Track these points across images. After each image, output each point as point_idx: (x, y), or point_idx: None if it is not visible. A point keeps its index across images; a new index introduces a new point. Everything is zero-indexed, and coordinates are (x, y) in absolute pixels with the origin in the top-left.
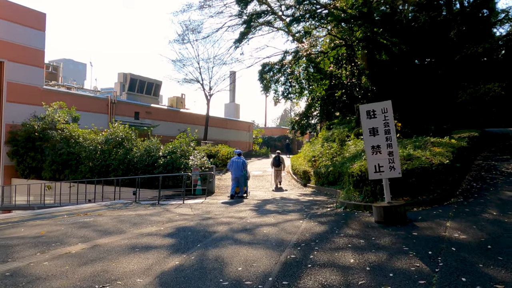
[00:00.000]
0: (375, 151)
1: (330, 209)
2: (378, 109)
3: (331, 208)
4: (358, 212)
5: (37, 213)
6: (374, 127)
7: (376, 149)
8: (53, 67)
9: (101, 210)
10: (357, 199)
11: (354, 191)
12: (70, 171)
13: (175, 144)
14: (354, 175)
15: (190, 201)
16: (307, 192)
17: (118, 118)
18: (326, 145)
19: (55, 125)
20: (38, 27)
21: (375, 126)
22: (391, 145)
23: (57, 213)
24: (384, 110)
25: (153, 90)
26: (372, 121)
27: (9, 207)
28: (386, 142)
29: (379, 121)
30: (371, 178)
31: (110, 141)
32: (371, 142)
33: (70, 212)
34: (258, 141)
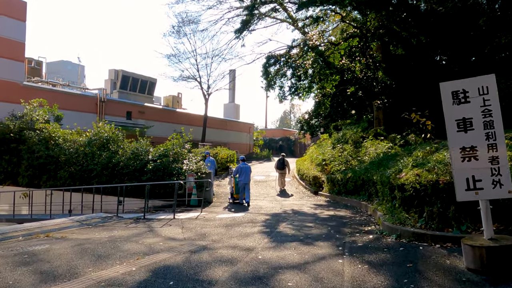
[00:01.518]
0: (468, 156)
1: (375, 237)
2: (472, 89)
3: (376, 235)
4: (423, 245)
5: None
6: (466, 117)
7: (469, 152)
8: (36, 62)
9: (69, 229)
10: (415, 224)
11: (407, 212)
12: (49, 177)
13: (167, 146)
14: (407, 189)
15: (183, 215)
16: (322, 203)
17: (108, 118)
18: (339, 147)
19: (34, 125)
20: (17, 16)
21: (467, 116)
22: (495, 146)
23: (12, 233)
24: (483, 90)
25: (147, 89)
26: (461, 108)
27: None
28: (487, 141)
29: (473, 107)
30: (462, 199)
31: (94, 143)
32: (460, 141)
33: (30, 232)
34: (259, 143)
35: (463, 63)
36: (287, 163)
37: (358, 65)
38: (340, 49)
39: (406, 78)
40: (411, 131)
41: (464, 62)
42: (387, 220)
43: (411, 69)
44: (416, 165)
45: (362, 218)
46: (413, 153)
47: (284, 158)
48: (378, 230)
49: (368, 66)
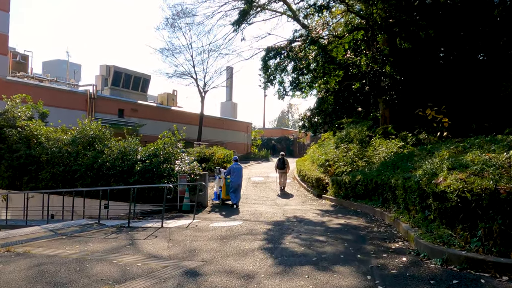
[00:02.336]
0: None
1: (410, 260)
2: None
3: (411, 257)
4: (484, 276)
5: None
6: None
7: None
8: (21, 56)
9: (39, 240)
10: (467, 246)
11: (450, 228)
12: (30, 178)
13: (158, 145)
14: (450, 198)
15: (173, 222)
16: (328, 208)
17: (99, 116)
18: (343, 147)
19: (15, 122)
20: (0, 6)
21: None
22: None
23: None
24: None
25: (140, 86)
26: None
27: None
28: None
29: None
30: None
31: (78, 141)
32: None
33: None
34: (257, 142)
35: (473, 58)
36: (287, 163)
37: (364, 59)
38: (344, 42)
39: (413, 74)
40: (423, 129)
41: (473, 57)
42: (424, 238)
43: (418, 65)
44: (452, 167)
45: (381, 230)
46: (434, 153)
47: (284, 157)
48: (412, 250)
49: (375, 60)
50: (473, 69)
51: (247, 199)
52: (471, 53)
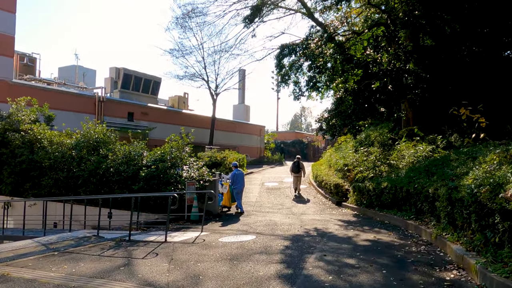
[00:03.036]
0: None
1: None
2: None
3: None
4: None
5: None
6: None
7: None
8: (29, 59)
9: (26, 258)
10: None
11: None
12: (33, 185)
13: (165, 150)
14: None
15: (178, 235)
16: (350, 219)
17: (108, 119)
18: (362, 151)
19: (20, 126)
20: (5, 7)
21: None
22: None
23: None
24: None
25: (150, 88)
26: None
27: None
28: None
29: None
30: None
31: (82, 146)
32: None
33: None
34: (270, 146)
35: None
36: (302, 166)
37: (385, 56)
38: (363, 39)
39: (437, 72)
40: (454, 131)
41: (499, 54)
42: (496, 270)
43: (441, 63)
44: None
45: (421, 250)
46: (477, 157)
47: (300, 161)
48: (478, 286)
49: (398, 57)
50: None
51: (260, 207)
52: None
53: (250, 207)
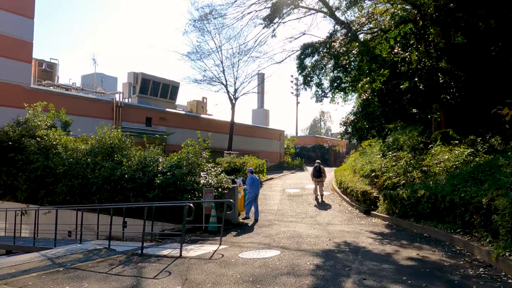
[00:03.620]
0: None
1: None
2: None
3: None
4: None
5: None
6: None
7: None
8: (47, 64)
9: (26, 275)
10: None
11: None
12: (47, 192)
13: (181, 155)
14: None
15: (195, 249)
16: (383, 230)
17: (126, 124)
18: (390, 155)
19: (36, 132)
20: (24, 12)
21: None
22: None
23: None
24: None
25: (169, 93)
26: None
27: None
28: None
29: None
30: None
31: (97, 151)
32: None
33: None
34: (290, 151)
35: None
36: (323, 171)
37: (415, 54)
38: (389, 37)
39: (470, 70)
40: (494, 133)
41: None
42: None
43: (474, 61)
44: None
45: (481, 273)
46: None
47: (320, 165)
48: None
49: (429, 55)
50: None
51: (282, 216)
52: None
53: (271, 216)
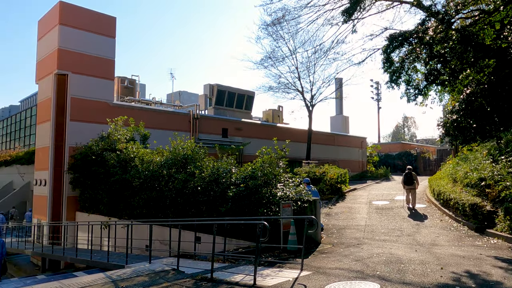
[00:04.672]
0: None
1: None
2: None
3: None
4: None
5: None
6: None
7: None
8: (129, 81)
9: None
10: None
11: None
12: (126, 205)
13: (256, 165)
14: None
15: (271, 274)
16: None
17: (203, 136)
18: (505, 161)
19: (116, 146)
20: (107, 33)
21: None
22: None
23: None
24: None
25: (244, 103)
26: None
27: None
28: None
29: None
30: None
31: (170, 163)
32: None
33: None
34: (373, 159)
35: None
36: (415, 178)
37: None
38: (495, 21)
39: None
40: None
41: None
42: None
43: None
44: None
45: None
46: None
47: (412, 171)
48: None
49: None
50: None
51: (373, 233)
52: None
53: (359, 233)
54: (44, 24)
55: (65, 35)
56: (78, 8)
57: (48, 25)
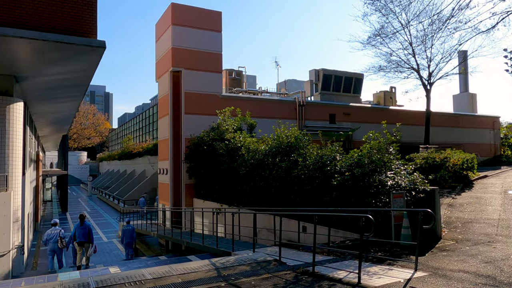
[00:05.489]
0: None
1: None
2: None
3: None
4: None
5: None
6: None
7: None
8: (236, 73)
9: None
10: None
11: None
12: (234, 193)
13: (362, 152)
14: None
15: (380, 272)
16: None
17: (309, 123)
18: None
19: (224, 136)
20: (214, 28)
21: None
22: None
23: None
24: None
25: (352, 87)
26: None
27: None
28: None
29: None
30: None
31: (274, 152)
32: None
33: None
34: (509, 141)
35: None
36: None
37: None
38: None
39: None
40: None
41: None
42: None
43: None
44: None
45: None
46: None
47: None
48: None
49: None
50: None
51: (509, 229)
52: None
53: (490, 228)
54: (160, 27)
55: (177, 34)
56: (187, 7)
57: (163, 27)
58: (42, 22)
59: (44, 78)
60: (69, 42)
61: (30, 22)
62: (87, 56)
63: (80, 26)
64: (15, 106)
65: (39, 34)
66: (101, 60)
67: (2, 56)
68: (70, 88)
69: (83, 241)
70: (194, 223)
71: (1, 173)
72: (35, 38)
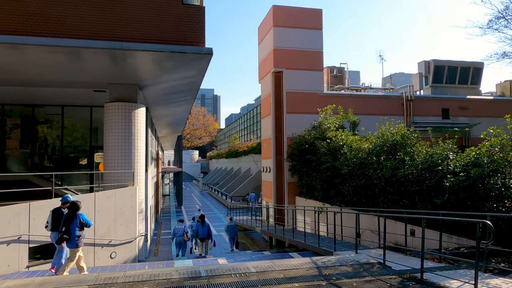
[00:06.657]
0: None
1: None
2: None
3: None
4: None
5: None
6: None
7: None
8: (337, 70)
9: (286, 285)
10: None
11: None
12: (336, 192)
13: (481, 150)
14: None
15: (500, 286)
16: None
17: (418, 119)
18: None
19: (325, 134)
20: (314, 26)
21: None
22: None
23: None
24: None
25: (470, 77)
26: None
27: None
28: None
29: None
30: None
31: (378, 150)
32: None
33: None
34: None
35: None
36: None
37: None
38: None
39: None
40: None
41: None
42: None
43: None
44: None
45: None
46: None
47: None
48: None
49: None
50: None
51: None
52: None
53: None
54: (262, 29)
55: (278, 35)
56: (287, 8)
57: (265, 30)
58: (158, 35)
59: (161, 85)
60: (181, 52)
61: (148, 36)
62: (197, 62)
63: (191, 36)
64: (139, 111)
65: (157, 46)
66: (209, 65)
67: (129, 68)
68: (183, 93)
69: (204, 237)
70: (296, 220)
71: (130, 170)
72: (154, 50)
